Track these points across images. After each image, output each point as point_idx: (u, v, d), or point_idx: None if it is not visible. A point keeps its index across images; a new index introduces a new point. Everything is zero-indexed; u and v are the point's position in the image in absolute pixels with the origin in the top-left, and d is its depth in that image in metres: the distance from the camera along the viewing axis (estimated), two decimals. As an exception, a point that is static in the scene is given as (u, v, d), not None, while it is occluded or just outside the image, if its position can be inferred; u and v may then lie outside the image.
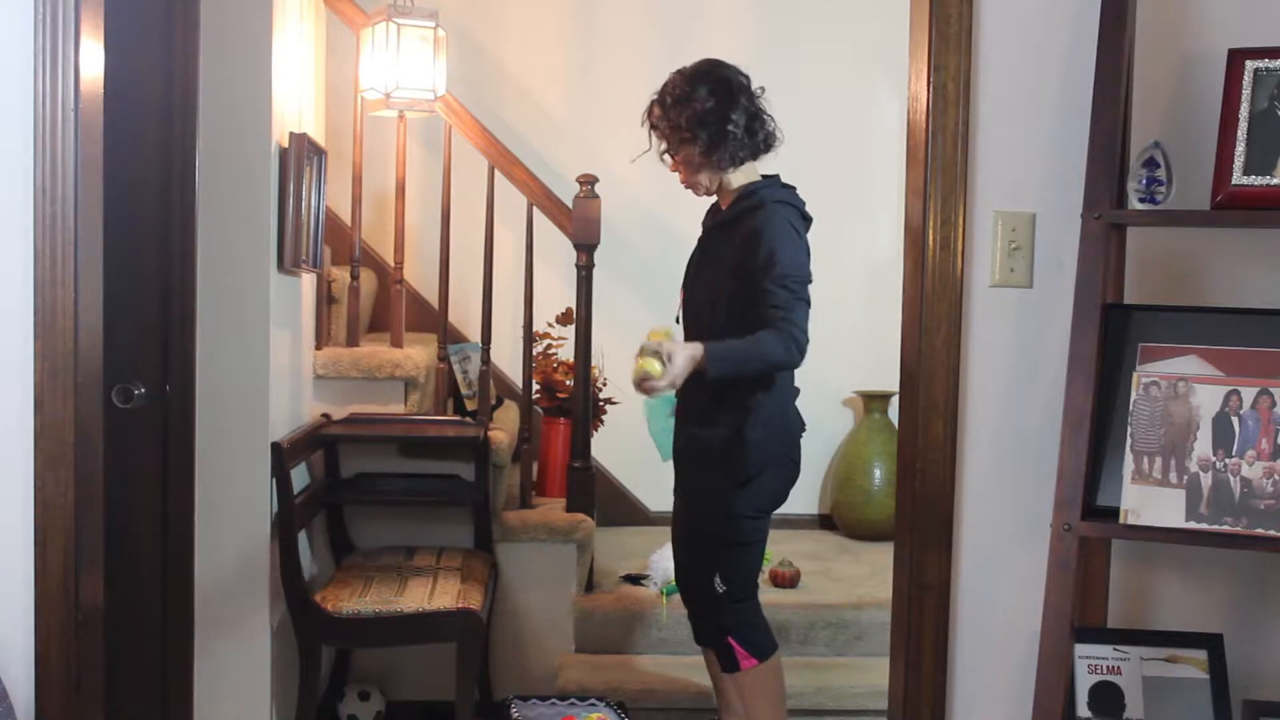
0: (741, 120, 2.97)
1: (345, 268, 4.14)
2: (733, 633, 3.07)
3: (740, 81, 3.02)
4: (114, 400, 2.58)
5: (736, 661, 3.07)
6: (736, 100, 2.98)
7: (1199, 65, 2.25)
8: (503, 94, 5.07)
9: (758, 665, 3.08)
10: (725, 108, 2.96)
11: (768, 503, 3.08)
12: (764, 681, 3.10)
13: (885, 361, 3.26)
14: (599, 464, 4.27)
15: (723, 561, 3.06)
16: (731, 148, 2.97)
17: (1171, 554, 2.31)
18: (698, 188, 3.09)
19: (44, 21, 2.12)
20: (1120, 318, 2.17)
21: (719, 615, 3.09)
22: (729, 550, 3.07)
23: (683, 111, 2.95)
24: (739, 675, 3.09)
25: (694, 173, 3.03)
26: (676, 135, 2.98)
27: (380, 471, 3.88)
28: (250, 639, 3.22)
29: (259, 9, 3.15)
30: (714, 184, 3.06)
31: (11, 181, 2.14)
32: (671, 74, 3.04)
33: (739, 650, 3.07)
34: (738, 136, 2.97)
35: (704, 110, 2.94)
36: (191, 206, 2.74)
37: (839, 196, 5.23)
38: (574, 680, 3.78)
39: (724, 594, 3.06)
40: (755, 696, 3.10)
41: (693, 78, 2.99)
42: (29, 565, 2.17)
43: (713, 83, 2.98)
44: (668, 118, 2.98)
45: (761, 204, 2.98)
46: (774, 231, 2.93)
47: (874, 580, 4.29)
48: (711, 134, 2.95)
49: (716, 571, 3.05)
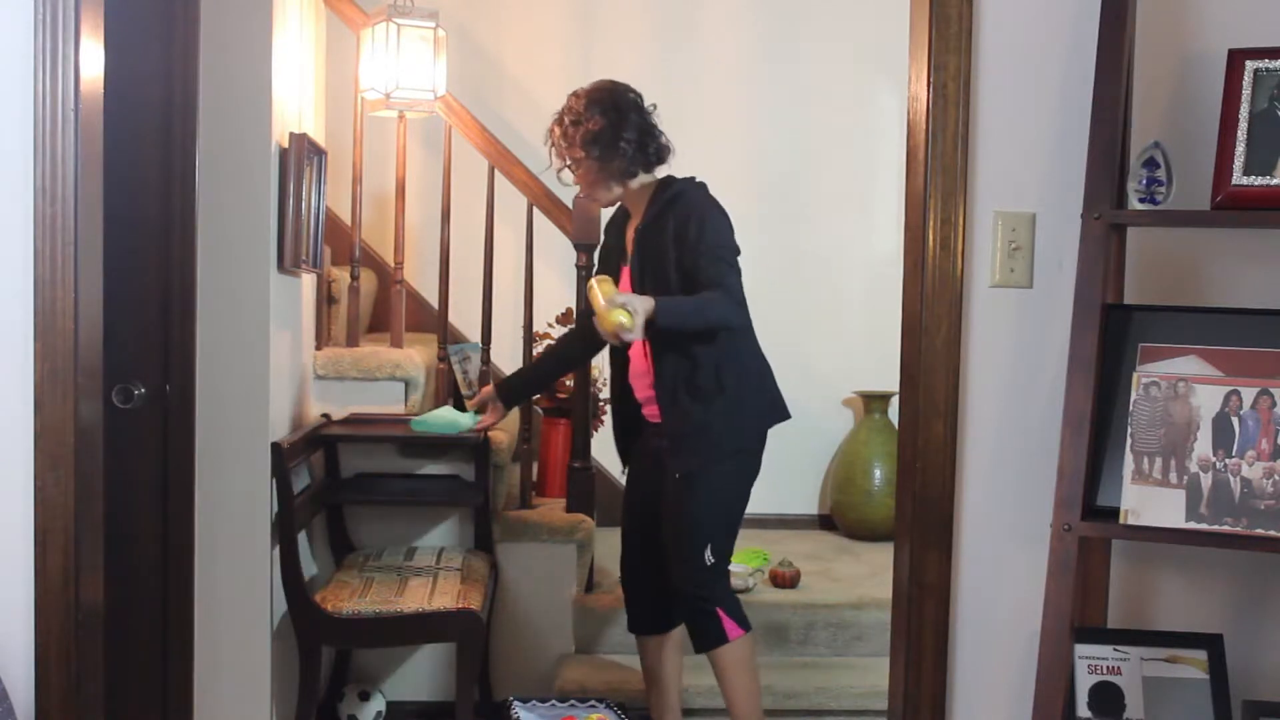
0: (633, 137, 3.17)
1: (345, 268, 4.14)
2: (723, 603, 3.17)
3: (631, 100, 3.22)
4: (114, 400, 2.58)
5: (725, 634, 3.15)
6: (626, 118, 3.18)
7: (1199, 65, 2.25)
8: (503, 94, 5.07)
9: (743, 635, 3.18)
10: (617, 127, 3.16)
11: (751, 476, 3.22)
12: (747, 655, 3.20)
13: (885, 361, 3.26)
14: (599, 464, 4.26)
15: (713, 533, 3.15)
16: (622, 162, 3.18)
17: (1171, 554, 2.31)
18: (598, 198, 3.31)
19: (44, 21, 2.12)
20: (1120, 318, 2.17)
21: (704, 588, 3.16)
22: (721, 520, 3.17)
23: (579, 132, 3.15)
24: (725, 650, 3.16)
25: (591, 186, 3.25)
26: (573, 152, 3.19)
27: (380, 471, 3.88)
28: (250, 639, 3.21)
29: (259, 9, 3.15)
30: (613, 196, 3.27)
31: (11, 181, 2.14)
32: (568, 96, 3.23)
33: (727, 621, 3.15)
34: (629, 153, 3.17)
35: (598, 130, 3.14)
36: (191, 206, 2.74)
37: (839, 196, 5.25)
38: (574, 680, 3.78)
39: (712, 566, 3.14)
40: (740, 670, 3.18)
41: (587, 101, 3.18)
42: (29, 565, 2.17)
43: (605, 105, 3.17)
44: (565, 137, 3.19)
45: (680, 191, 3.19)
46: (699, 207, 3.15)
47: (874, 580, 4.29)
48: (604, 151, 3.15)
49: (709, 543, 3.14)
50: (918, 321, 2.32)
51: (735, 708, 3.19)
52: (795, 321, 5.16)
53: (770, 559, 4.33)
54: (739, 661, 3.18)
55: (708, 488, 3.14)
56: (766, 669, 3.52)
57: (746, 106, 5.22)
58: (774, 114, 5.23)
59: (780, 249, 5.20)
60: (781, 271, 5.19)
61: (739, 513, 3.24)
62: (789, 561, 4.28)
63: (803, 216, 5.24)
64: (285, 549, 3.29)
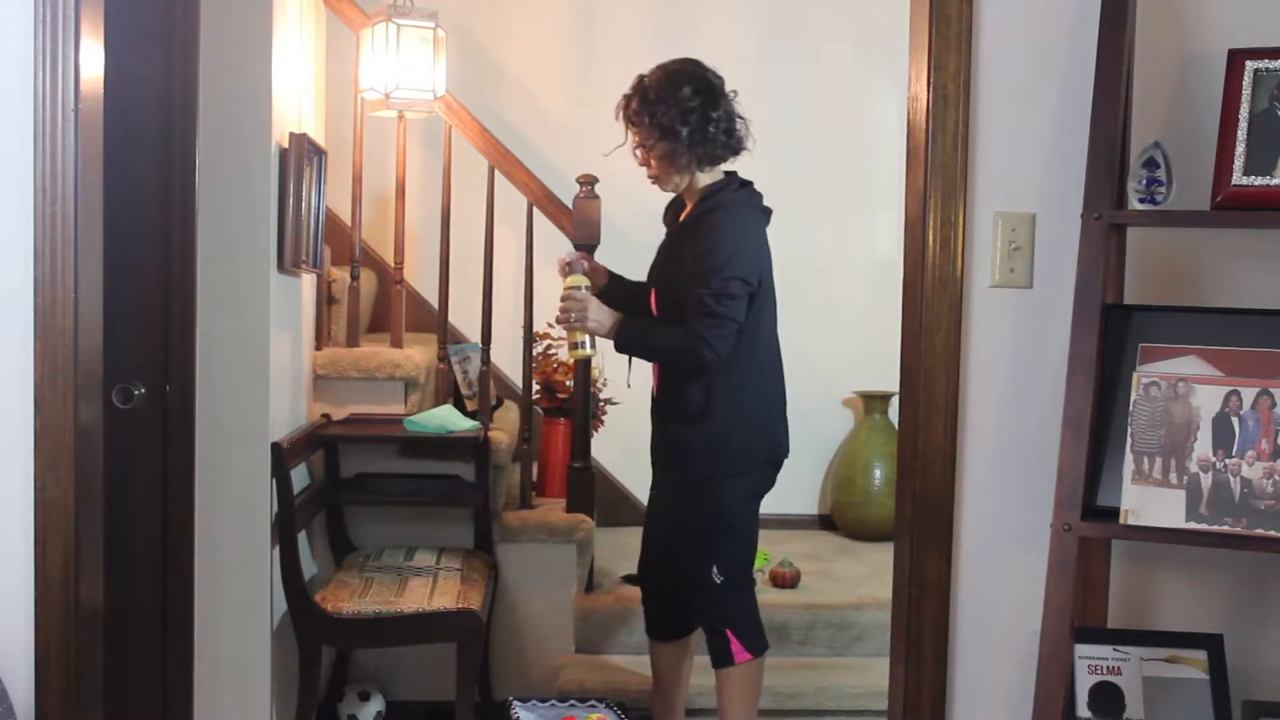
0: (723, 121, 3.01)
1: (345, 268, 4.14)
2: (733, 624, 3.11)
3: (720, 83, 3.05)
4: (114, 400, 2.58)
5: (731, 656, 3.10)
6: (718, 100, 3.01)
7: (1199, 65, 2.25)
8: (503, 94, 5.07)
9: (751, 661, 3.11)
10: (708, 107, 2.99)
11: (757, 487, 3.16)
12: (750, 680, 3.14)
13: (885, 361, 3.26)
14: (599, 464, 4.27)
15: (717, 551, 3.10)
16: (711, 147, 3.01)
17: (1171, 554, 2.31)
18: (667, 184, 3.10)
19: (44, 21, 2.12)
20: (1120, 318, 2.17)
21: (712, 606, 3.12)
22: (722, 537, 3.11)
23: (668, 108, 2.97)
24: (730, 670, 3.12)
25: (669, 169, 3.04)
26: (657, 131, 2.99)
27: (380, 471, 3.88)
28: (250, 639, 3.21)
29: (259, 9, 3.15)
30: (684, 182, 3.08)
31: (11, 181, 2.14)
32: (652, 69, 3.04)
33: (735, 644, 3.10)
34: (718, 136, 3.00)
35: (688, 108, 2.96)
36: (191, 206, 2.74)
37: (839, 196, 5.25)
38: (574, 680, 3.78)
39: (721, 584, 3.09)
40: (738, 695, 3.13)
41: (676, 75, 3.00)
42: (29, 565, 2.17)
43: (697, 82, 3.00)
44: (650, 113, 2.99)
45: (717, 206, 3.03)
46: (719, 229, 2.97)
47: (874, 580, 4.29)
48: (693, 132, 2.98)
49: (713, 563, 3.08)
50: (918, 321, 2.32)
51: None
52: (795, 321, 5.11)
53: (770, 559, 4.33)
54: (741, 685, 3.13)
55: (699, 508, 3.11)
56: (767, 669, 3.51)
57: (747, 106, 5.18)
58: (774, 113, 5.20)
59: (780, 249, 5.16)
60: (781, 271, 5.16)
61: (743, 531, 3.15)
62: (789, 561, 4.28)
63: (803, 216, 5.23)
64: (285, 549, 3.29)
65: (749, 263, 3.00)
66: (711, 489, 3.10)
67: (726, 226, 2.99)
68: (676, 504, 3.15)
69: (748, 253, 3.01)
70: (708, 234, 2.98)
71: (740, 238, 3.01)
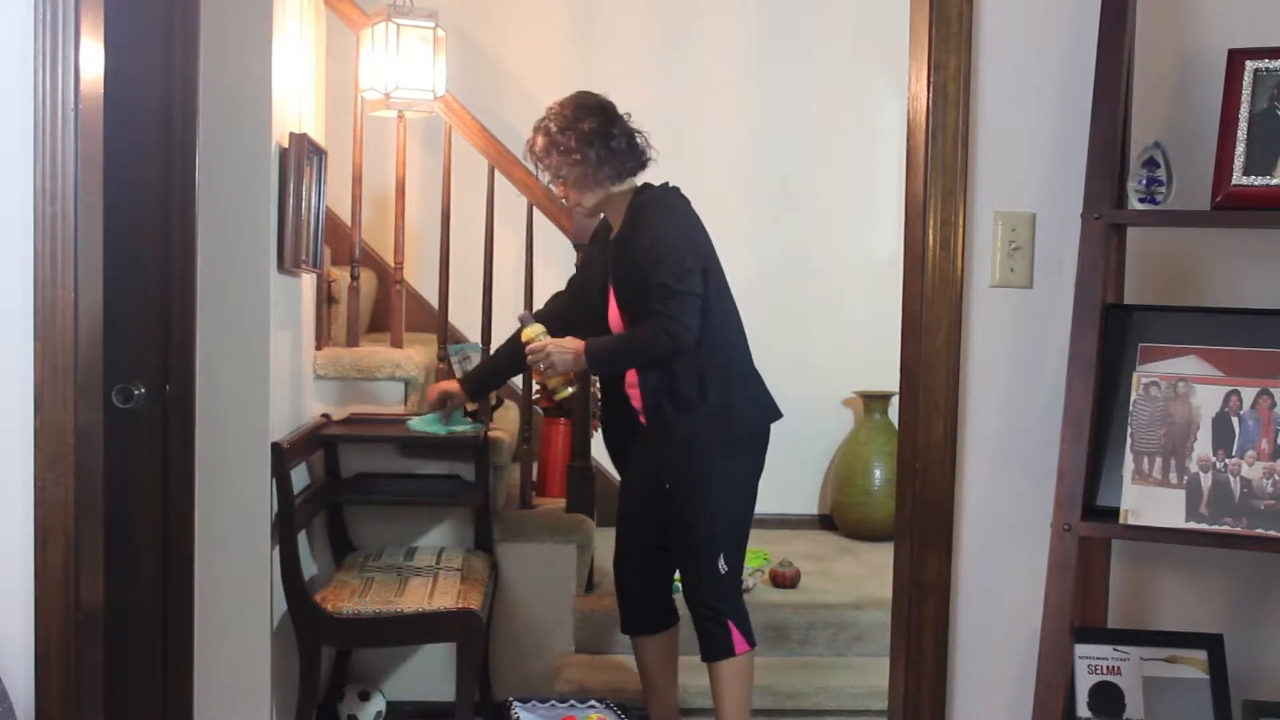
0: (623, 138, 3.21)
1: (345, 268, 4.14)
2: (735, 615, 3.17)
3: (612, 106, 3.26)
4: (114, 400, 2.58)
5: (732, 647, 3.15)
6: (614, 120, 3.22)
7: (1199, 65, 2.25)
8: (503, 94, 5.07)
9: (749, 651, 3.18)
10: (607, 125, 3.19)
11: (756, 469, 3.24)
12: (747, 671, 3.20)
13: (885, 361, 3.26)
14: (599, 464, 4.26)
15: (722, 540, 3.15)
16: (619, 160, 3.20)
17: (1171, 554, 2.31)
18: (588, 205, 3.28)
19: (44, 21, 2.12)
20: (1120, 318, 2.17)
21: (719, 598, 3.16)
22: (726, 525, 3.17)
23: (570, 135, 3.17)
24: (729, 662, 3.15)
25: (585, 190, 3.23)
26: (566, 158, 3.18)
27: (380, 471, 3.88)
28: (250, 639, 3.21)
29: (259, 9, 3.15)
30: (602, 199, 3.25)
31: (11, 181, 2.14)
32: (549, 106, 3.25)
33: (736, 635, 3.15)
34: (621, 149, 3.20)
35: (588, 130, 3.16)
36: (191, 206, 2.74)
37: (839, 196, 5.25)
38: (574, 680, 3.77)
39: (726, 575, 3.15)
40: (739, 686, 3.17)
41: (571, 106, 3.22)
42: (29, 565, 2.17)
43: (590, 108, 3.21)
44: (557, 145, 3.19)
45: (645, 204, 3.20)
46: (653, 222, 3.15)
47: (874, 580, 4.29)
48: (599, 151, 3.17)
49: (720, 552, 3.14)
50: (918, 321, 2.32)
51: (723, 718, 3.19)
52: (795, 321, 5.16)
53: (770, 559, 4.33)
54: (738, 676, 3.17)
55: (707, 496, 3.14)
56: (767, 669, 3.52)
57: (747, 106, 5.21)
58: (774, 114, 5.23)
59: (780, 249, 5.21)
60: (781, 272, 5.20)
61: (745, 518, 3.23)
62: (789, 561, 4.28)
63: (803, 217, 5.25)
64: (285, 549, 3.29)
65: (694, 239, 3.16)
66: (716, 475, 3.13)
67: (660, 215, 3.16)
68: (676, 495, 3.15)
69: (687, 231, 3.17)
70: (647, 230, 3.13)
71: (676, 220, 3.17)
